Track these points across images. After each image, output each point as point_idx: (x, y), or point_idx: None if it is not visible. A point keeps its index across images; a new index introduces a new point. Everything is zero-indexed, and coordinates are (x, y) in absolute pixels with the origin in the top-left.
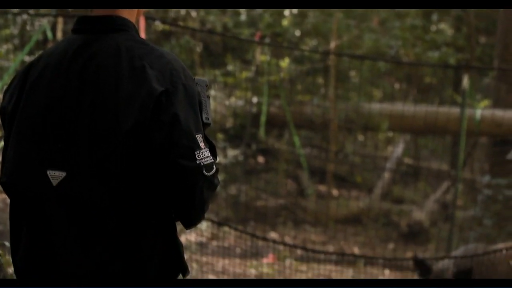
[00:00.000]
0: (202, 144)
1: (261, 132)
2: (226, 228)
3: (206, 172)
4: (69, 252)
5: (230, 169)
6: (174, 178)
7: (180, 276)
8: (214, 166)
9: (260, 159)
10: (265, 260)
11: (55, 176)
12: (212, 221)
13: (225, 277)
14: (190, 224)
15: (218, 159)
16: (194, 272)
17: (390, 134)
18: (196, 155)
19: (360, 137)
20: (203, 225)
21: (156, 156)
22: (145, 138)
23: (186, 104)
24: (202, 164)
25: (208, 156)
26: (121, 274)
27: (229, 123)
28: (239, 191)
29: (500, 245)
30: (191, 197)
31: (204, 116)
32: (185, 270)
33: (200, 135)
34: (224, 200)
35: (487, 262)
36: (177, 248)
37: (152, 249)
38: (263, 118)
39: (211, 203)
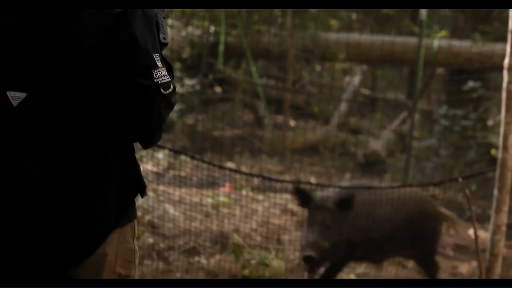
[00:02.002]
0: (159, 63)
1: (219, 62)
2: (183, 158)
3: (164, 90)
4: (32, 174)
5: (187, 99)
6: (133, 96)
7: (139, 197)
8: (171, 85)
9: (217, 89)
10: (221, 190)
11: (15, 97)
12: (169, 150)
13: (182, 206)
14: (148, 143)
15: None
16: (151, 201)
17: (347, 64)
18: (154, 74)
19: (317, 67)
20: (160, 154)
21: (115, 75)
22: (103, 58)
23: (144, 24)
24: (159, 82)
25: (165, 75)
26: (82, 197)
27: (186, 52)
28: (196, 121)
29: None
30: (149, 115)
31: (161, 36)
32: (143, 189)
33: (157, 54)
34: (181, 130)
35: (369, 198)
36: (135, 169)
37: (111, 170)
38: (220, 48)
39: (168, 131)
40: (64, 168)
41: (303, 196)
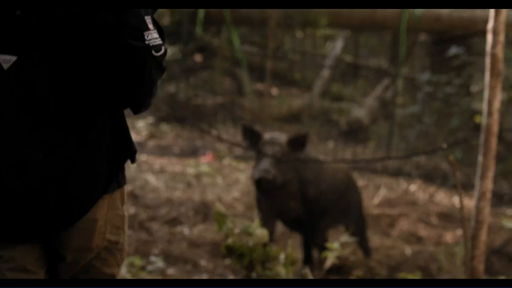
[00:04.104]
0: (150, 26)
1: (199, 29)
2: (164, 127)
3: (155, 52)
4: (24, 137)
5: (168, 67)
6: (124, 58)
7: (128, 162)
8: (163, 48)
9: (198, 57)
10: (203, 159)
11: (6, 60)
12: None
13: (164, 176)
14: (139, 107)
15: None
16: (132, 171)
17: (329, 30)
18: (145, 36)
19: (299, 34)
20: (141, 123)
21: (106, 38)
22: (95, 21)
23: None
24: (150, 44)
25: (157, 38)
26: (72, 159)
27: (166, 20)
28: (177, 89)
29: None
30: (140, 77)
31: None
32: (133, 155)
33: (149, 17)
34: (162, 98)
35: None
36: (126, 133)
37: (101, 134)
38: (200, 15)
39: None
40: (53, 131)
41: (252, 134)
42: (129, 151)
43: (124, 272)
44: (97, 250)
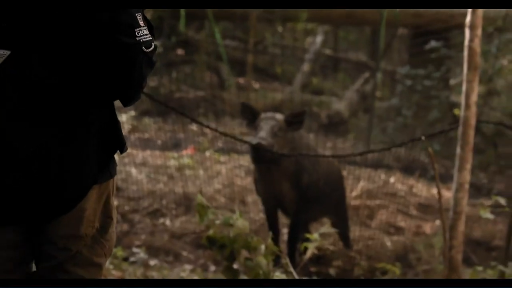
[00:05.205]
0: (141, 23)
1: (181, 24)
2: (146, 120)
3: (145, 48)
4: (17, 130)
5: None
6: (115, 54)
7: (118, 153)
8: (153, 44)
9: (180, 51)
10: (185, 152)
11: (0, 54)
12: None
13: (146, 168)
14: (129, 100)
15: None
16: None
17: (309, 25)
18: (136, 32)
19: (280, 28)
20: (123, 117)
21: (99, 34)
22: (88, 17)
23: None
24: (141, 40)
25: (147, 34)
26: (64, 151)
27: (148, 14)
28: (159, 83)
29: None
30: (130, 71)
31: None
32: (122, 146)
33: (140, 14)
34: (144, 92)
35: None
36: (116, 125)
37: (92, 126)
38: (182, 10)
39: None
40: (45, 125)
41: (250, 111)
42: (119, 143)
43: (106, 264)
44: (87, 238)
